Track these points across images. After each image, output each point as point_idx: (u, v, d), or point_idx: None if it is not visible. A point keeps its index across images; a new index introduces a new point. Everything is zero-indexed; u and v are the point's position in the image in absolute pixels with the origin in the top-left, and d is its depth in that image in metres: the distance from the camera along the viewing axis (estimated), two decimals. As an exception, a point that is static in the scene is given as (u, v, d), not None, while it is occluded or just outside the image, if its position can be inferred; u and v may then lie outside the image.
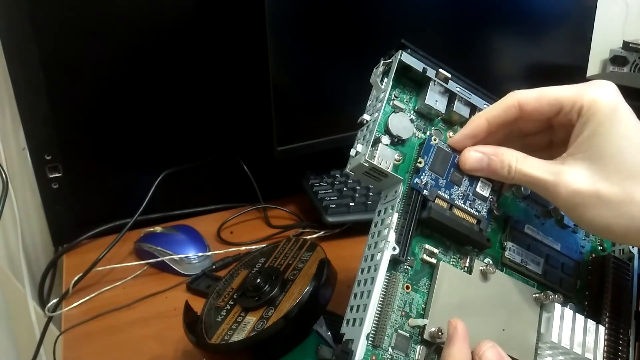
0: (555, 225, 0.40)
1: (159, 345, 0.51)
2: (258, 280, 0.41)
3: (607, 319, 0.37)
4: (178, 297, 0.58)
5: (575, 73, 0.90)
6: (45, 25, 0.60)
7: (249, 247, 0.67)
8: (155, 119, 0.69)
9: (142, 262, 0.64)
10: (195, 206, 0.75)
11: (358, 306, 0.32)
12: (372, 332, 0.31)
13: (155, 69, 0.67)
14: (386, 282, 0.33)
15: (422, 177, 0.36)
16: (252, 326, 0.38)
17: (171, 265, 0.62)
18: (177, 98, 0.70)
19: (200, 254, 0.63)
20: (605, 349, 0.36)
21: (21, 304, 0.70)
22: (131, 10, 0.63)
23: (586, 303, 0.39)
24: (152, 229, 0.67)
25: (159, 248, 0.63)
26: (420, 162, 0.36)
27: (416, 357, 0.33)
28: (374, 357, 0.31)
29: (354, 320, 0.32)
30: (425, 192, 0.35)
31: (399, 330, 0.33)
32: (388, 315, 0.32)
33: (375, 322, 0.32)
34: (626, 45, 1.14)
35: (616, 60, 1.16)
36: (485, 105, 0.39)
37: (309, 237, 0.67)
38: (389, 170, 0.35)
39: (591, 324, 0.36)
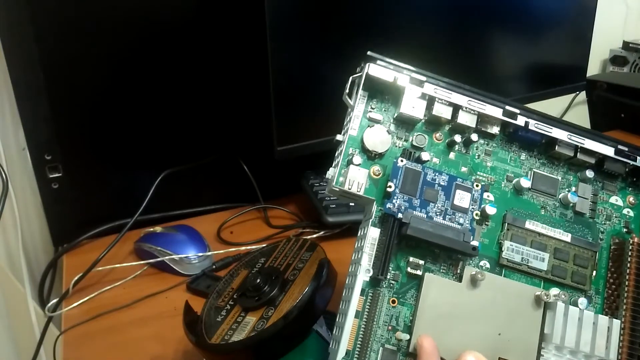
0: (567, 214, 0.38)
1: (159, 345, 0.51)
2: (258, 280, 0.41)
3: (624, 311, 0.36)
4: (178, 297, 0.58)
5: (575, 73, 0.91)
6: (45, 25, 0.60)
7: (249, 247, 0.67)
8: (155, 118, 0.69)
9: (142, 262, 0.64)
10: (195, 206, 0.75)
11: (339, 327, 0.33)
12: (357, 349, 0.32)
13: (155, 69, 0.67)
14: (370, 299, 0.33)
15: (394, 200, 0.35)
16: (252, 326, 0.39)
17: (171, 265, 0.62)
18: (177, 98, 0.70)
19: (200, 254, 0.63)
20: (621, 344, 0.35)
21: (21, 304, 0.70)
22: (131, 10, 0.63)
23: (604, 294, 0.37)
24: (152, 229, 0.67)
25: (159, 248, 0.63)
26: (389, 187, 0.35)
27: None
28: None
29: (336, 341, 0.33)
30: (399, 215, 0.35)
31: (385, 345, 0.33)
32: (373, 331, 0.33)
33: (360, 338, 0.32)
34: (626, 45, 1.14)
35: (616, 60, 1.16)
36: (470, 103, 0.37)
37: (309, 237, 0.67)
38: (361, 192, 0.35)
39: (603, 319, 0.35)
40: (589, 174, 0.39)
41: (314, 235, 0.69)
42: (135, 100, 0.68)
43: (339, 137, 0.37)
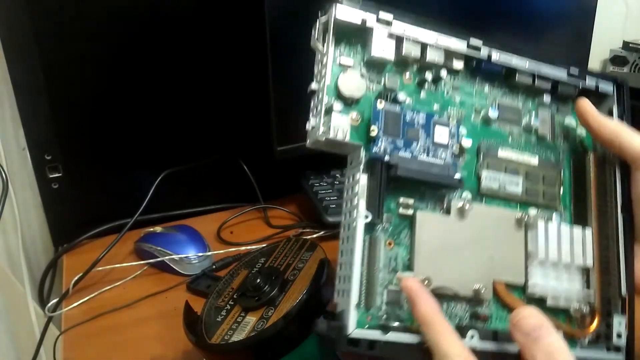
0: (531, 139, 0.40)
1: (159, 345, 0.51)
2: (258, 280, 0.41)
3: (593, 220, 0.39)
4: (178, 297, 0.58)
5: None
6: (45, 25, 0.60)
7: (249, 247, 0.67)
8: (155, 119, 0.69)
9: (142, 262, 0.64)
10: (195, 206, 0.75)
11: (344, 277, 0.33)
12: (363, 295, 0.32)
13: (155, 69, 0.67)
14: (367, 245, 0.34)
15: (379, 144, 0.35)
16: (252, 326, 0.39)
17: (171, 265, 0.62)
18: (178, 98, 0.70)
19: (200, 254, 0.63)
20: (595, 250, 0.38)
21: (21, 304, 0.70)
22: (131, 11, 0.63)
23: (572, 208, 0.40)
24: (152, 229, 0.67)
25: (159, 248, 0.63)
26: (373, 130, 0.35)
27: (410, 307, 0.33)
28: (369, 318, 0.32)
29: (343, 291, 0.33)
30: (386, 157, 0.35)
31: (388, 287, 0.33)
32: (375, 275, 0.33)
33: (364, 285, 0.33)
34: (626, 45, 1.14)
35: (616, 60, 1.16)
36: (438, 39, 0.37)
37: (309, 237, 0.67)
38: (347, 139, 0.34)
39: (577, 230, 0.38)
40: (546, 98, 0.41)
41: (314, 235, 0.69)
42: (136, 100, 0.68)
43: (313, 85, 0.36)
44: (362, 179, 0.34)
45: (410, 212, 0.35)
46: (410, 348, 0.32)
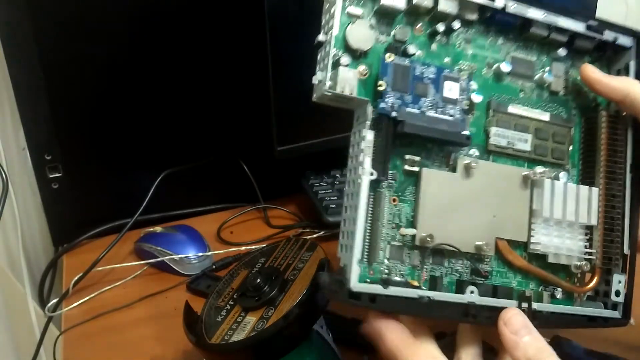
0: (543, 94, 0.39)
1: (159, 345, 0.51)
2: (258, 280, 0.41)
3: (601, 179, 0.38)
4: (178, 297, 0.58)
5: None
6: (45, 25, 0.60)
7: (249, 247, 0.67)
8: (155, 119, 0.69)
9: (142, 262, 0.64)
10: (195, 206, 0.75)
11: (348, 232, 0.33)
12: (366, 250, 0.33)
13: (155, 69, 0.67)
14: (372, 201, 0.33)
15: (387, 99, 0.34)
16: (252, 326, 0.39)
17: (171, 265, 0.62)
18: (178, 98, 0.70)
19: (200, 254, 0.63)
20: (600, 209, 0.37)
21: (21, 304, 0.70)
22: (131, 11, 0.63)
23: (580, 166, 0.39)
24: (152, 229, 0.67)
25: (159, 248, 0.63)
26: (381, 85, 0.34)
27: (412, 262, 0.34)
28: (371, 272, 0.33)
29: (346, 246, 0.33)
30: (394, 113, 0.34)
31: (391, 242, 0.34)
32: (379, 230, 0.33)
33: (367, 240, 0.33)
34: (626, 45, 1.14)
35: (616, 60, 1.15)
36: None
37: (309, 237, 0.67)
38: (354, 94, 0.34)
39: (583, 189, 0.37)
40: (562, 52, 0.40)
41: (314, 235, 0.69)
42: (136, 100, 0.68)
43: (320, 37, 0.35)
44: (369, 135, 0.33)
45: (416, 169, 0.35)
46: (411, 302, 0.32)
